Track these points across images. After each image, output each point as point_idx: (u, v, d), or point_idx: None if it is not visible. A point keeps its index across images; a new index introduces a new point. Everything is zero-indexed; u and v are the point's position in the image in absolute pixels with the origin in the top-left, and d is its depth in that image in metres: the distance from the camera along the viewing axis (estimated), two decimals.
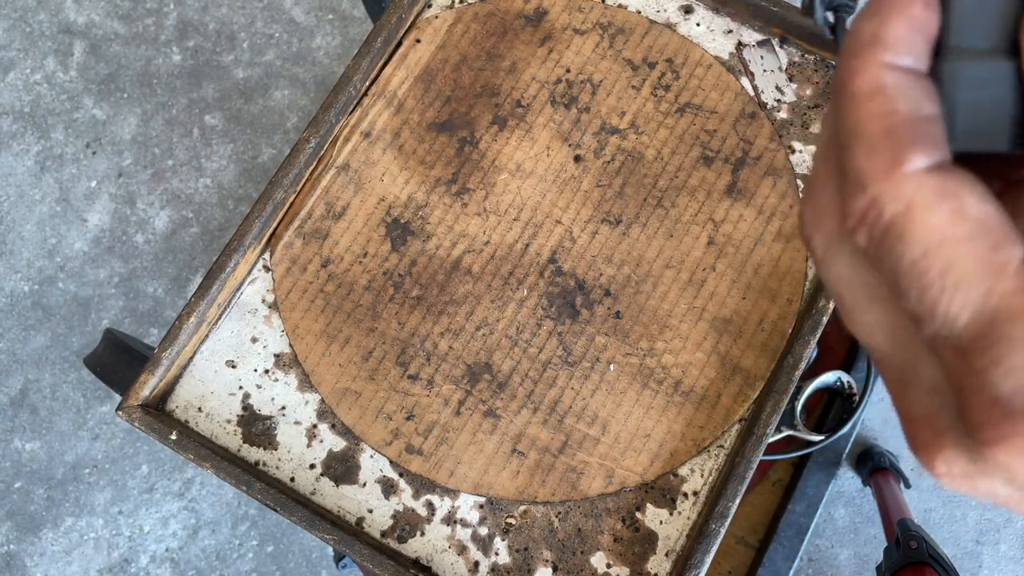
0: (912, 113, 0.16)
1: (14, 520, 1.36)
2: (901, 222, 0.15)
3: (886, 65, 0.16)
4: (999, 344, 0.14)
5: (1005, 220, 0.15)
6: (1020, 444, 0.14)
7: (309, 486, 0.54)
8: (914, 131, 0.15)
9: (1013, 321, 0.14)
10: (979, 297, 0.15)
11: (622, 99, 0.60)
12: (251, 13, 1.52)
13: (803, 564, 1.34)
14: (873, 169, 0.16)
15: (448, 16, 0.62)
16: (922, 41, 0.16)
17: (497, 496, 0.53)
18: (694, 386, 0.54)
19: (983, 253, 0.15)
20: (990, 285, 0.15)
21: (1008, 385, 0.14)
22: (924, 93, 0.16)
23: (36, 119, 1.50)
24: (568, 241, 0.57)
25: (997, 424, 0.14)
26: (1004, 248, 0.15)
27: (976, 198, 0.15)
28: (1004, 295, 0.14)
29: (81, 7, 1.54)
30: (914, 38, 0.16)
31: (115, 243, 1.45)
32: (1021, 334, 0.14)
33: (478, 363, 0.55)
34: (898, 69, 0.16)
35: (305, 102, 1.49)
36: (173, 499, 1.36)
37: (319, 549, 1.34)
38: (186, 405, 0.56)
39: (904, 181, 0.15)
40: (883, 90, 0.16)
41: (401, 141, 0.60)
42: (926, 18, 0.16)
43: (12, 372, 1.41)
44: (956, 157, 0.17)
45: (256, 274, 0.58)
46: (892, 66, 0.16)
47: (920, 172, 0.15)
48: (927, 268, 0.15)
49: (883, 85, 0.16)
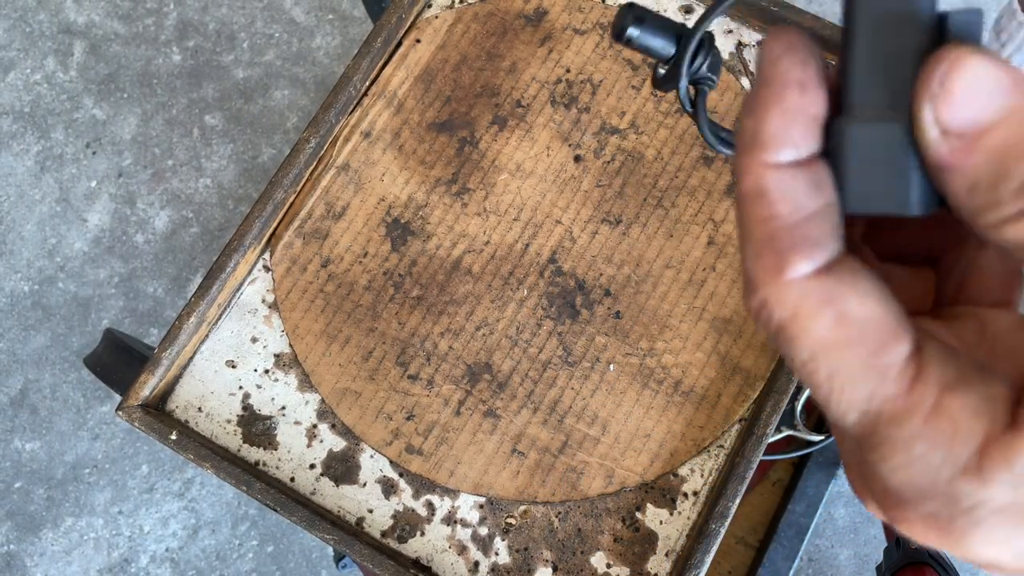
0: (793, 215, 0.16)
1: (14, 520, 1.36)
2: (788, 328, 0.16)
3: (766, 165, 0.16)
4: (883, 445, 0.15)
5: (892, 318, 0.16)
6: (916, 523, 0.16)
7: (309, 486, 0.54)
8: (795, 235, 0.16)
9: (894, 424, 0.15)
10: (863, 400, 0.16)
11: (622, 99, 0.60)
12: (251, 13, 1.52)
13: (803, 564, 1.34)
14: (760, 273, 0.16)
15: (448, 16, 0.62)
16: (803, 128, 0.16)
17: (497, 496, 0.53)
18: (694, 386, 0.54)
19: (865, 358, 0.15)
20: (872, 389, 0.15)
21: (896, 480, 0.16)
22: (808, 187, 0.16)
23: (36, 119, 1.50)
24: (568, 241, 0.57)
25: (893, 509, 0.16)
26: (886, 351, 0.15)
27: (859, 300, 0.16)
28: (885, 400, 0.15)
29: (81, 7, 1.54)
30: (792, 129, 0.16)
31: (115, 243, 1.45)
32: (901, 435, 0.15)
33: (478, 363, 0.55)
34: (779, 167, 0.16)
35: (305, 102, 1.49)
36: (173, 499, 1.36)
37: (319, 549, 1.34)
38: (186, 405, 0.56)
39: (788, 288, 0.16)
40: (764, 193, 0.16)
41: (401, 141, 0.60)
42: (804, 103, 0.16)
43: (12, 372, 1.41)
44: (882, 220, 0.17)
45: (256, 274, 0.58)
46: (773, 165, 0.16)
47: (803, 278, 0.16)
48: (814, 371, 0.16)
49: (764, 188, 0.16)
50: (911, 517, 0.16)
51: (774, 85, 0.16)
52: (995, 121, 0.14)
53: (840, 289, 0.16)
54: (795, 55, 0.16)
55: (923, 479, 0.15)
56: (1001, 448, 0.15)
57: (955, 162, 0.14)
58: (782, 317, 0.16)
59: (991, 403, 0.15)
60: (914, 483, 0.15)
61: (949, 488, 0.15)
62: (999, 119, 0.14)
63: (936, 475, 0.15)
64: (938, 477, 0.15)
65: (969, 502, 0.15)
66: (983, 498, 0.15)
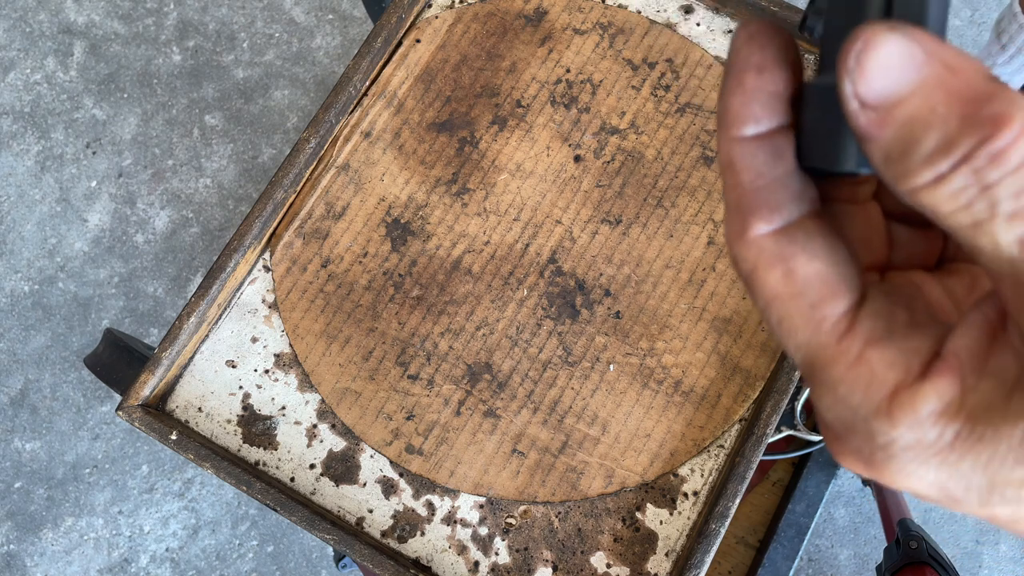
0: (754, 182, 0.18)
1: (14, 520, 1.36)
2: (750, 279, 0.19)
3: (733, 140, 0.18)
4: (818, 386, 0.18)
5: (835, 276, 0.18)
6: (846, 455, 0.18)
7: (309, 486, 0.54)
8: (756, 200, 0.18)
9: (824, 368, 0.18)
10: (803, 346, 0.18)
11: (622, 99, 0.60)
12: (251, 13, 1.52)
13: (803, 564, 1.34)
14: (731, 233, 0.19)
15: (448, 16, 0.62)
16: (762, 104, 0.18)
17: (497, 496, 0.53)
18: (694, 386, 0.54)
19: (805, 310, 0.18)
20: (809, 337, 0.18)
21: (828, 416, 0.18)
22: (768, 157, 0.18)
23: (36, 119, 1.50)
24: (568, 241, 0.57)
25: (830, 442, 0.19)
26: (824, 305, 0.18)
27: (807, 258, 0.18)
28: (819, 347, 0.18)
29: (81, 7, 1.54)
30: (752, 106, 0.18)
31: (115, 243, 1.45)
32: (830, 378, 0.18)
33: (478, 363, 0.55)
34: (742, 140, 0.18)
35: (305, 102, 1.49)
36: (173, 499, 1.36)
37: (319, 549, 1.34)
38: (186, 405, 0.56)
39: (749, 245, 0.18)
40: (731, 164, 0.18)
41: (401, 141, 0.60)
42: (761, 83, 0.18)
43: (12, 372, 1.41)
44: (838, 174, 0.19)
45: (256, 274, 0.58)
46: (737, 139, 0.18)
47: (760, 238, 0.18)
48: (769, 315, 0.19)
49: (731, 159, 0.18)
50: (843, 450, 0.18)
51: (735, 69, 0.18)
52: (904, 94, 0.15)
53: (791, 248, 0.18)
54: (754, 42, 0.18)
55: (847, 418, 0.18)
56: (908, 395, 0.17)
57: (871, 133, 0.16)
58: (746, 269, 0.18)
59: (908, 356, 0.17)
60: (841, 420, 0.18)
61: (866, 427, 0.17)
62: (908, 92, 0.15)
63: (855, 414, 0.17)
64: (856, 416, 0.17)
65: (883, 440, 0.17)
66: (893, 437, 0.17)
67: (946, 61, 0.15)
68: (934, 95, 0.15)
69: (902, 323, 0.18)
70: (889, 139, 0.15)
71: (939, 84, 0.15)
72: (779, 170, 0.18)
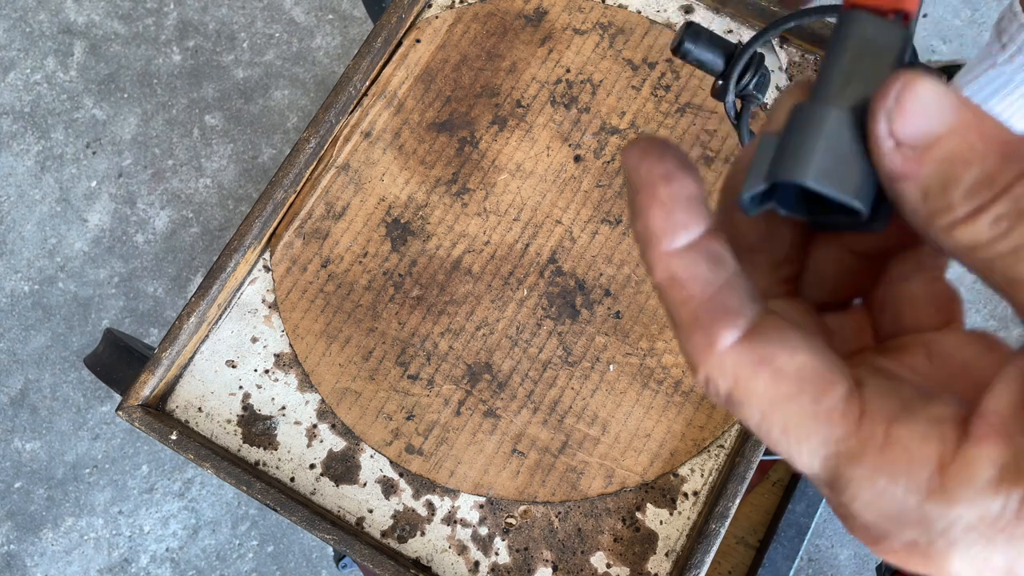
0: (705, 291, 0.17)
1: (14, 520, 1.36)
2: (734, 395, 0.17)
3: (667, 255, 0.17)
4: (850, 485, 0.16)
5: (824, 364, 0.17)
6: (899, 553, 0.16)
7: (309, 486, 0.54)
8: (715, 309, 0.17)
9: (852, 463, 0.16)
10: (819, 447, 0.16)
11: (622, 99, 0.60)
12: (251, 13, 1.52)
13: (803, 564, 1.34)
14: (696, 352, 0.17)
15: (448, 16, 0.62)
16: (684, 212, 0.17)
17: (497, 496, 0.53)
18: (694, 386, 0.54)
19: (808, 406, 0.16)
20: (824, 434, 0.16)
21: (870, 516, 0.16)
22: (710, 263, 0.17)
23: (36, 119, 1.50)
24: (568, 241, 0.57)
25: (875, 543, 0.17)
26: (826, 395, 0.16)
27: (789, 354, 0.17)
28: (838, 441, 0.16)
29: (81, 7, 1.54)
30: (675, 216, 0.17)
31: (115, 243, 1.45)
32: (862, 472, 0.16)
33: (478, 363, 0.55)
34: (679, 253, 0.17)
35: (305, 102, 1.49)
36: (173, 499, 1.36)
37: (319, 549, 1.34)
38: (186, 405, 0.56)
39: (723, 359, 0.17)
40: (674, 279, 0.17)
41: (401, 141, 0.60)
42: (675, 190, 0.17)
43: (12, 372, 1.41)
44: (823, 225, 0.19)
45: (256, 274, 0.58)
46: (672, 253, 0.17)
47: (733, 348, 0.17)
48: (769, 430, 0.17)
49: (672, 275, 0.17)
50: (894, 548, 0.16)
51: (643, 186, 0.17)
52: (943, 133, 0.16)
53: (769, 348, 0.17)
54: (649, 156, 0.17)
55: (893, 510, 0.16)
56: (958, 466, 0.15)
57: (908, 171, 0.16)
58: (727, 387, 0.17)
59: (938, 425, 0.16)
60: (887, 515, 0.16)
61: (919, 514, 0.15)
62: (946, 131, 0.16)
63: (904, 504, 0.16)
64: (906, 505, 0.15)
65: (941, 524, 0.15)
66: (953, 518, 0.15)
67: (975, 108, 0.16)
68: (970, 135, 0.15)
69: (911, 395, 0.17)
70: (928, 175, 0.16)
71: (973, 126, 0.15)
72: (725, 273, 0.17)
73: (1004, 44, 0.89)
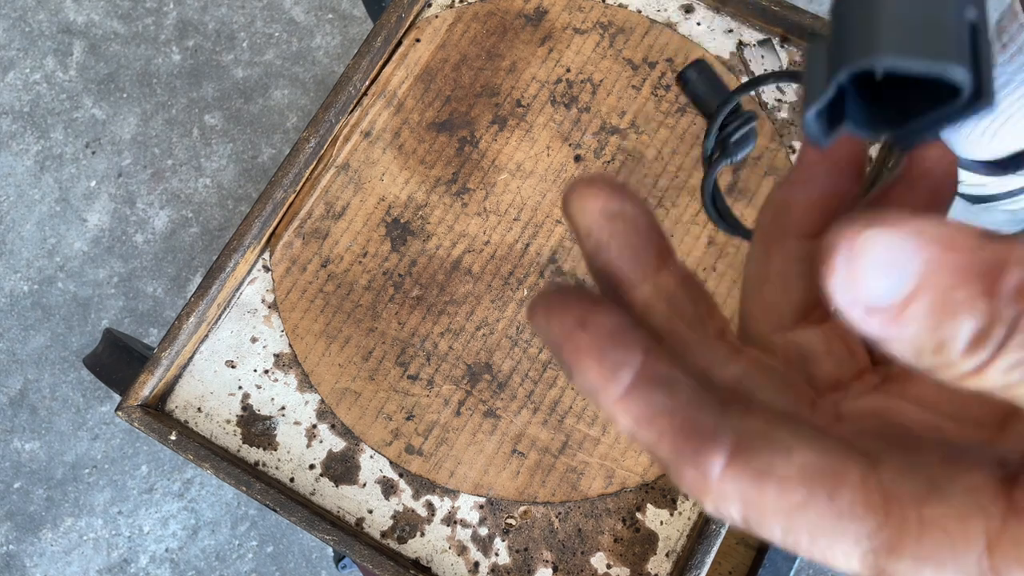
0: (674, 421, 0.15)
1: (14, 520, 1.36)
2: (750, 517, 0.15)
3: (620, 402, 0.16)
4: None
5: (822, 450, 0.15)
6: None
7: (309, 486, 0.54)
8: (692, 437, 0.15)
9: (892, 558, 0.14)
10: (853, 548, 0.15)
11: (622, 99, 0.59)
12: (251, 13, 1.52)
13: (804, 564, 1.34)
14: (694, 487, 0.15)
15: (448, 16, 0.62)
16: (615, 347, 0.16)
17: (497, 496, 0.53)
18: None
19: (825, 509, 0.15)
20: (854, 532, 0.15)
21: None
22: (665, 387, 0.15)
23: (36, 119, 1.50)
24: (568, 241, 0.57)
25: None
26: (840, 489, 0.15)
27: (784, 456, 0.15)
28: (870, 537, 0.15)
29: (81, 7, 1.54)
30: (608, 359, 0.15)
31: (115, 243, 1.45)
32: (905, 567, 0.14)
33: (478, 363, 0.55)
34: (629, 393, 0.15)
35: (305, 102, 1.49)
36: (173, 499, 1.36)
37: (319, 549, 1.34)
38: (186, 405, 0.56)
39: (722, 486, 0.15)
40: (639, 421, 0.15)
41: (401, 141, 0.60)
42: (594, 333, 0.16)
43: (12, 372, 1.41)
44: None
45: (256, 274, 0.58)
46: (624, 398, 0.15)
47: (726, 471, 0.15)
48: (797, 541, 0.15)
49: (635, 418, 0.15)
50: None
51: (563, 343, 0.16)
52: (912, 287, 0.13)
53: (761, 457, 0.15)
54: (553, 307, 0.16)
55: None
56: (1007, 544, 0.14)
57: (891, 334, 0.14)
58: (739, 512, 0.15)
59: (975, 496, 0.14)
60: None
61: None
62: (915, 284, 0.13)
63: None
64: None
65: None
66: None
67: (940, 238, 0.13)
68: (943, 280, 0.13)
69: (935, 464, 0.15)
70: (913, 335, 0.14)
71: (943, 267, 0.13)
72: (684, 392, 0.16)
73: (1004, 44, 0.89)
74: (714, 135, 0.34)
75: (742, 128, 0.34)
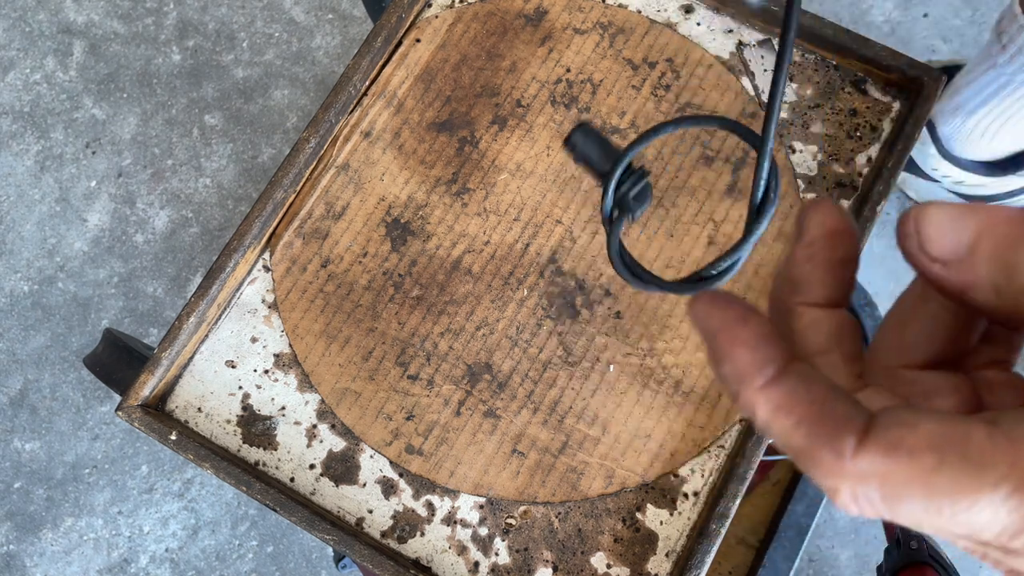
0: (812, 409, 0.17)
1: (14, 520, 1.36)
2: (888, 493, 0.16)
3: (764, 389, 0.17)
4: None
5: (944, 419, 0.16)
6: None
7: (309, 486, 0.54)
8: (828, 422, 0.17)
9: None
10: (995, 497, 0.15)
11: (622, 99, 0.59)
12: (251, 13, 1.52)
13: (803, 564, 1.34)
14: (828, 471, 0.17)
15: (448, 16, 0.62)
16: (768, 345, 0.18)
17: (497, 496, 0.53)
18: (694, 386, 0.54)
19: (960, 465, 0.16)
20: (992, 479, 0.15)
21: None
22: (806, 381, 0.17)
23: (36, 119, 1.50)
24: (568, 241, 0.57)
25: None
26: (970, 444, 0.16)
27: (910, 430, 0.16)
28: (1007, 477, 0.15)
29: (81, 7, 1.54)
30: (759, 352, 0.18)
31: (115, 243, 1.45)
32: None
33: (478, 363, 0.55)
34: (772, 383, 0.17)
35: (305, 102, 1.49)
36: (173, 499, 1.36)
37: (319, 549, 1.34)
38: (186, 405, 0.56)
39: (858, 464, 0.16)
40: (779, 409, 0.17)
41: (401, 141, 0.60)
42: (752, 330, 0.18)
43: (12, 372, 1.41)
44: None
45: (256, 274, 0.58)
46: (768, 386, 0.17)
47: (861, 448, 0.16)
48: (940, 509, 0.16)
49: (776, 405, 0.17)
50: None
51: (721, 330, 0.18)
52: (974, 236, 0.16)
53: (891, 432, 0.16)
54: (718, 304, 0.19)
55: None
56: None
57: (969, 279, 0.16)
58: (877, 491, 0.16)
59: None
60: None
61: None
62: (975, 233, 0.16)
63: None
64: None
65: None
66: None
67: (984, 207, 0.16)
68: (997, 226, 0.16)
69: None
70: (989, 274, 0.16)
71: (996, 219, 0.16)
72: (821, 387, 0.17)
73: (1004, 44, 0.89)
74: (611, 195, 0.36)
75: (637, 184, 0.36)
